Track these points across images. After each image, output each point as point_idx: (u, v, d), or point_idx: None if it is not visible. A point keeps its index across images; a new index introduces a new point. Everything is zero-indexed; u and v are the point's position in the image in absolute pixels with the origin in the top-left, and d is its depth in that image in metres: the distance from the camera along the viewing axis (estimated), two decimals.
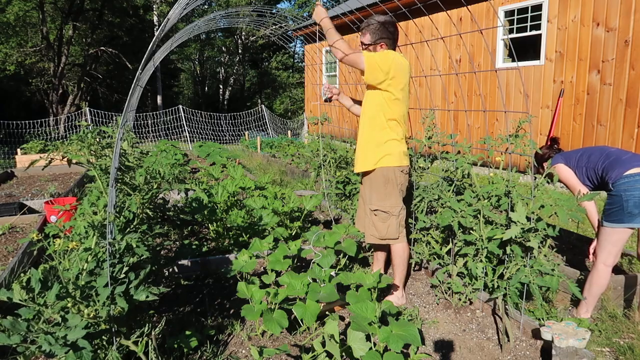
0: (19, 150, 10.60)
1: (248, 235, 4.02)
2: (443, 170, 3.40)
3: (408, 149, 3.12)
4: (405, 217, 3.07)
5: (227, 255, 3.65)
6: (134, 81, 2.20)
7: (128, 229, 2.57)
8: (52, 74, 18.38)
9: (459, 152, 3.19)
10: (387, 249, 3.25)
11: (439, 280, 3.15)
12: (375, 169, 2.92)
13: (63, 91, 19.06)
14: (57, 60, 18.08)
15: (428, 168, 3.57)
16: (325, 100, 3.19)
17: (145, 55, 2.10)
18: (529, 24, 7.25)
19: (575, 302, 2.97)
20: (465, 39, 8.22)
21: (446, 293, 3.14)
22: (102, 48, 20.02)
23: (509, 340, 2.53)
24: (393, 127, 2.88)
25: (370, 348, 1.99)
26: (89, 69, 20.10)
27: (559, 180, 2.99)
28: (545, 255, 2.61)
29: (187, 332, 2.37)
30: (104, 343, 2.01)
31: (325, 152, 4.91)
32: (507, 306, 2.70)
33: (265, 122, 17.35)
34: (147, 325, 2.13)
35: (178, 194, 5.21)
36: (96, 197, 2.96)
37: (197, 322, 2.78)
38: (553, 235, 2.57)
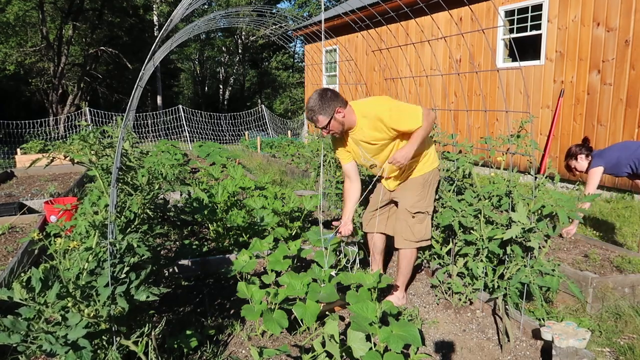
0: (18, 150, 10.59)
1: (248, 235, 4.02)
2: (444, 170, 3.40)
3: None
4: None
5: (227, 256, 3.65)
6: (137, 81, 2.20)
7: (129, 229, 2.57)
8: (52, 74, 18.39)
9: (460, 152, 3.19)
10: (386, 249, 3.26)
11: (439, 280, 3.15)
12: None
13: (63, 91, 19.07)
14: (56, 60, 18.09)
15: None
16: None
17: (149, 54, 2.10)
18: (529, 23, 7.25)
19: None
20: (466, 38, 8.22)
21: (446, 293, 3.14)
22: (102, 48, 20.03)
23: (509, 341, 2.53)
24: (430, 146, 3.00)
25: (371, 348, 1.99)
26: (88, 68, 20.10)
27: (583, 183, 3.70)
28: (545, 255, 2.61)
29: (187, 332, 2.37)
30: (104, 343, 2.01)
31: (325, 152, 4.91)
32: (507, 306, 2.70)
33: (265, 122, 17.36)
34: (147, 325, 2.13)
35: (181, 194, 5.21)
36: (97, 197, 2.96)
37: (197, 322, 2.78)
38: (554, 236, 2.57)
